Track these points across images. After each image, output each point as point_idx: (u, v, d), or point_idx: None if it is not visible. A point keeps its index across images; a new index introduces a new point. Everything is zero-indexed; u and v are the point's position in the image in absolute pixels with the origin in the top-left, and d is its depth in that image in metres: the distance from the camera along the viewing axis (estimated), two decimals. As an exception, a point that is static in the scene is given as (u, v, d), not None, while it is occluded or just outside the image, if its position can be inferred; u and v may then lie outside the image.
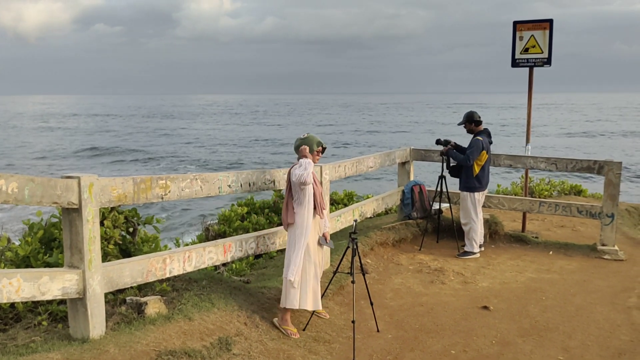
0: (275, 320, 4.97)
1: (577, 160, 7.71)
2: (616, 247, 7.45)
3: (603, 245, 7.49)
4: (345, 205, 9.08)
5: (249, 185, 5.18)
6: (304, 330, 4.93)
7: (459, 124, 7.50)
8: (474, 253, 7.42)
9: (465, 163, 7.33)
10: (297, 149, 4.97)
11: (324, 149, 5.07)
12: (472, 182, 7.38)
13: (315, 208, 4.90)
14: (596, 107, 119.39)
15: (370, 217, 8.88)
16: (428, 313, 5.49)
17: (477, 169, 7.33)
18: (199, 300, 4.81)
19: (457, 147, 7.62)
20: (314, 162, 4.97)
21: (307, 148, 4.92)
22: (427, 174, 19.43)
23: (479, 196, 7.45)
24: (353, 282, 4.75)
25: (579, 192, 11.91)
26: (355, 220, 4.93)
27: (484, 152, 7.28)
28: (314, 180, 4.88)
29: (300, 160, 4.86)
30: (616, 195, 7.35)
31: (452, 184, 7.87)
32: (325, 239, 5.07)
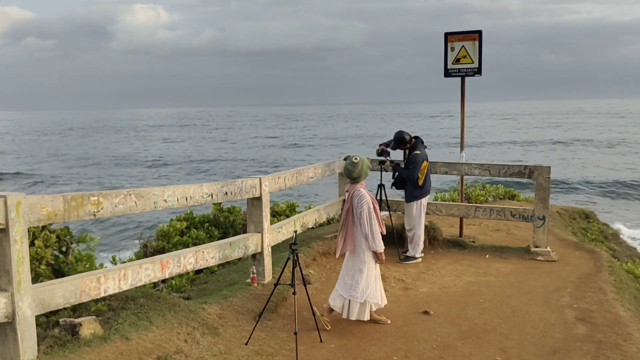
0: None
1: (509, 165, 7.98)
2: (548, 249, 7.74)
3: (536, 247, 7.76)
4: (288, 217, 9.06)
5: (186, 199, 5.08)
6: (246, 344, 4.87)
7: (392, 148, 7.65)
8: (416, 258, 7.57)
9: (410, 179, 7.53)
10: (352, 176, 5.23)
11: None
12: (418, 191, 7.58)
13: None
14: (528, 115, 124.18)
15: (313, 228, 8.89)
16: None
17: (421, 180, 7.55)
18: (137, 319, 4.68)
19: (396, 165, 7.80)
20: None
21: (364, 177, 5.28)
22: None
23: (425, 201, 7.68)
24: (294, 293, 4.73)
25: (512, 196, 12.34)
26: (295, 232, 4.92)
27: (425, 162, 7.50)
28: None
29: (360, 192, 5.18)
30: (546, 198, 7.64)
31: (391, 193, 8.00)
32: None
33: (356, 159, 5.22)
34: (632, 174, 32.73)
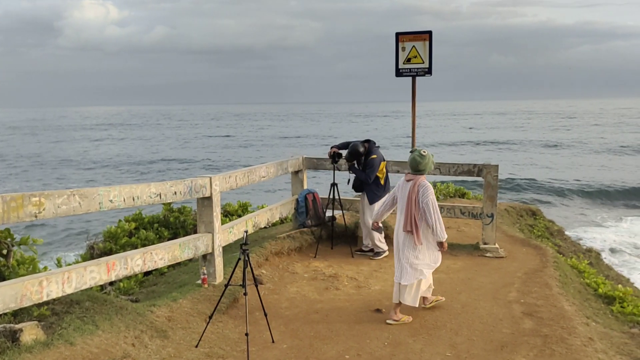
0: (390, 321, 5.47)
1: (459, 164, 8.11)
2: (497, 245, 7.90)
3: (485, 244, 7.92)
4: (240, 217, 8.96)
5: (133, 199, 4.95)
6: (196, 347, 4.78)
7: (348, 160, 7.64)
8: (386, 251, 7.72)
9: (366, 182, 7.58)
10: (419, 168, 5.46)
11: None
12: (380, 190, 7.64)
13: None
14: (478, 115, 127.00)
15: (266, 227, 8.83)
16: (323, 320, 5.52)
17: (382, 180, 7.63)
18: (82, 323, 4.53)
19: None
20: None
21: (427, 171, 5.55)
22: (319, 180, 19.71)
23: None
24: (245, 294, 4.67)
25: (462, 194, 12.56)
26: (246, 232, 4.86)
27: (383, 163, 7.59)
28: None
29: (426, 183, 5.45)
30: (494, 196, 7.80)
31: (345, 192, 8.01)
32: None
33: (424, 152, 5.49)
34: (576, 173, 33.95)
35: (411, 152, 5.62)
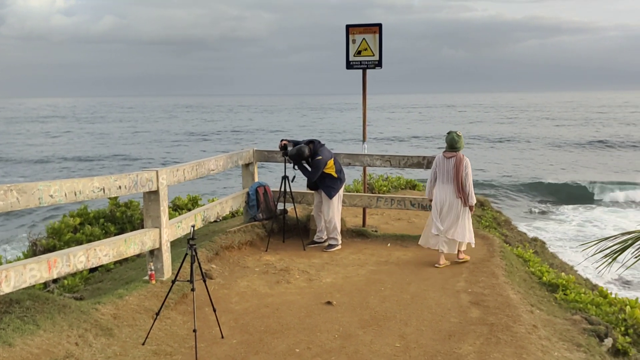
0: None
1: (408, 156, 8.20)
2: (446, 236, 8.02)
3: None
4: (190, 210, 8.81)
5: (75, 194, 4.78)
6: (143, 344, 4.67)
7: (293, 161, 7.61)
8: (339, 244, 7.76)
9: (310, 180, 7.63)
10: (456, 146, 6.94)
11: None
12: (335, 183, 7.67)
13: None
14: (431, 108, 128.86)
15: (216, 221, 8.72)
16: (273, 314, 5.49)
17: (334, 174, 7.64)
18: (22, 323, 4.35)
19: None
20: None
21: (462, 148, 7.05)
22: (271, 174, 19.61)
23: (342, 191, 7.83)
24: (193, 289, 4.60)
25: (413, 186, 12.73)
26: (193, 226, 4.77)
27: (330, 161, 7.60)
28: None
29: (467, 159, 6.94)
30: (443, 187, 7.91)
31: (296, 184, 7.99)
32: None
33: (460, 133, 7.04)
34: (520, 167, 34.92)
35: (448, 133, 7.05)
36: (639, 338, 5.86)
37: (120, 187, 5.35)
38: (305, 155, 7.53)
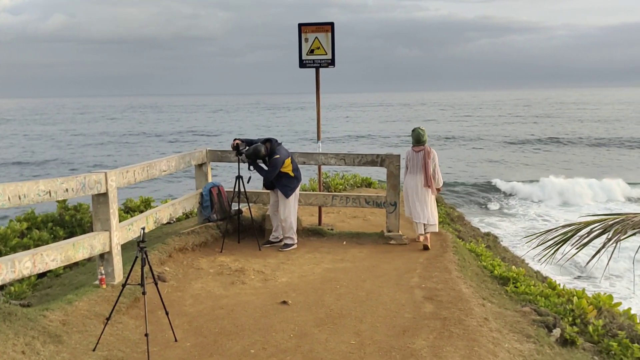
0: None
1: (363, 155, 8.25)
2: (400, 233, 8.12)
3: (389, 231, 8.11)
4: (142, 212, 8.65)
5: (19, 198, 4.62)
6: (93, 350, 4.55)
7: (249, 160, 7.55)
8: (295, 244, 7.75)
9: (266, 179, 7.62)
10: (422, 140, 7.88)
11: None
12: (292, 182, 7.65)
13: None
14: (383, 107, 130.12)
15: (170, 223, 8.59)
16: (228, 315, 5.43)
17: (291, 173, 7.62)
18: (-37, 334, 4.18)
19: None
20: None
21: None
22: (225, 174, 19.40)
23: (298, 190, 7.81)
24: (144, 293, 4.51)
25: (369, 184, 12.82)
26: (143, 228, 4.67)
27: (287, 160, 7.58)
28: None
29: (433, 150, 7.97)
30: (397, 185, 8.01)
31: (250, 184, 7.93)
32: None
33: (423, 128, 8.05)
34: (473, 165, 35.65)
35: (413, 130, 7.98)
36: (585, 327, 6.05)
37: (67, 189, 5.20)
38: (261, 154, 7.48)
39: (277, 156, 7.48)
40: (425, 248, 7.70)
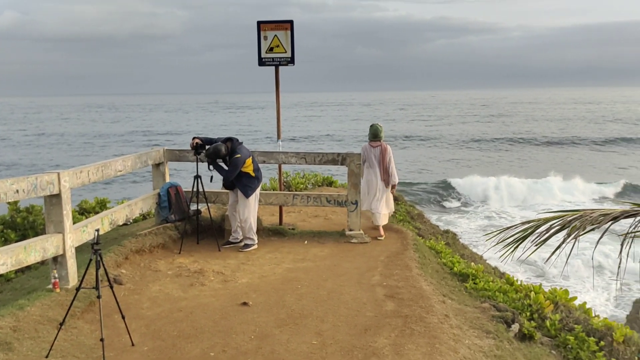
0: None
1: (324, 153, 8.22)
2: (361, 231, 8.13)
3: (350, 230, 8.11)
4: (98, 214, 8.41)
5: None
6: (46, 357, 4.39)
7: (210, 159, 7.42)
8: (255, 244, 7.66)
9: (226, 179, 7.48)
10: (380, 136, 8.34)
11: None
12: (253, 182, 7.55)
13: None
14: (345, 106, 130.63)
15: (126, 224, 8.38)
16: (187, 318, 5.32)
17: (252, 172, 7.52)
18: None
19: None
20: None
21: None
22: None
23: (258, 191, 7.72)
24: (99, 297, 4.37)
25: (330, 183, 12.80)
26: (97, 230, 4.53)
27: (248, 159, 7.48)
28: None
29: (388, 146, 8.35)
30: (358, 184, 8.01)
31: (208, 183, 7.80)
32: None
33: (380, 125, 8.47)
34: (434, 167, 36.15)
35: (372, 126, 8.44)
36: (543, 322, 6.17)
37: (17, 191, 5.00)
38: (222, 153, 7.36)
39: (238, 155, 7.38)
40: (378, 238, 8.16)
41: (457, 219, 22.58)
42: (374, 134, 8.34)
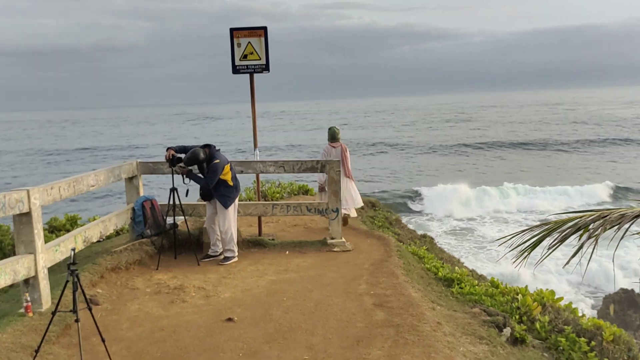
0: None
1: (302, 161, 8.06)
2: (343, 239, 7.97)
3: (332, 238, 7.95)
4: (69, 232, 8.08)
5: None
6: (21, 387, 4.10)
7: (188, 165, 7.20)
8: (236, 256, 7.43)
9: (206, 187, 7.23)
10: (337, 137, 9.15)
11: None
12: (231, 192, 7.34)
13: None
14: (313, 115, 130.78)
15: (100, 241, 8.06)
16: (170, 337, 5.08)
17: (230, 181, 7.30)
18: None
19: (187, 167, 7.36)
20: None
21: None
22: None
23: (237, 201, 7.52)
24: (77, 320, 4.11)
25: (306, 191, 12.64)
26: (73, 249, 4.28)
27: (226, 166, 7.27)
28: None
29: (345, 145, 9.17)
30: (338, 191, 7.86)
31: (185, 195, 7.56)
32: None
33: (338, 127, 9.29)
34: (401, 174, 36.33)
35: (330, 128, 9.22)
36: (532, 325, 6.10)
37: (-17, 210, 4.70)
38: (200, 158, 7.12)
39: (217, 161, 7.15)
40: (345, 222, 8.92)
41: (426, 222, 22.75)
42: (333, 136, 9.11)
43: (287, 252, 7.78)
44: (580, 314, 6.78)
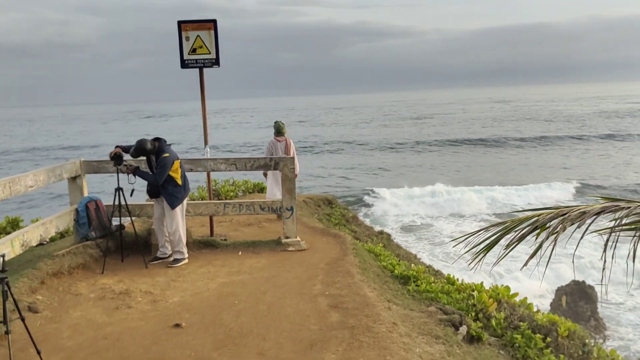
0: None
1: (255, 158, 7.84)
2: (298, 238, 7.79)
3: (287, 238, 7.75)
4: (9, 234, 7.64)
5: None
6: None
7: (135, 157, 6.89)
8: (185, 258, 7.15)
9: (156, 183, 6.93)
10: (283, 131, 9.31)
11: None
12: (179, 191, 7.05)
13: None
14: (266, 112, 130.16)
15: (42, 245, 7.66)
16: (113, 345, 4.79)
17: (179, 180, 7.01)
18: None
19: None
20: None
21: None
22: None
23: (185, 201, 7.23)
24: (7, 332, 3.81)
25: (262, 189, 12.39)
26: (2, 256, 3.96)
27: (176, 162, 6.98)
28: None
29: (290, 139, 9.37)
30: (293, 189, 7.67)
31: (135, 196, 7.23)
32: None
33: (283, 121, 9.43)
34: (355, 173, 36.46)
35: (275, 122, 9.47)
36: (488, 322, 6.05)
37: None
38: (147, 148, 6.78)
39: (166, 155, 6.85)
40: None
41: (383, 218, 22.85)
42: (278, 130, 9.36)
43: (240, 253, 7.55)
44: (535, 309, 6.79)
